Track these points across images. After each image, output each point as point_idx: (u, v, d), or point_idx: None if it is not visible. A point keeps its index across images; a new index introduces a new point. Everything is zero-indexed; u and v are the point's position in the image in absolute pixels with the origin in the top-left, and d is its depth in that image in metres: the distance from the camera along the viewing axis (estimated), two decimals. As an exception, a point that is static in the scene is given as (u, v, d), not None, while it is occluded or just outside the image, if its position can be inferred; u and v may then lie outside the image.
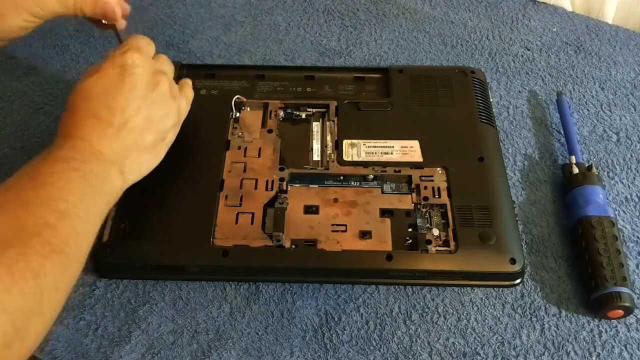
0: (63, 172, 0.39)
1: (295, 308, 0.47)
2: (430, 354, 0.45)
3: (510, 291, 0.48)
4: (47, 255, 0.35)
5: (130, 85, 0.44)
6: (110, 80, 0.44)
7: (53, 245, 0.35)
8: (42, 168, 0.39)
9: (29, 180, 0.38)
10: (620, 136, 0.59)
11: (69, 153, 0.40)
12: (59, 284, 0.36)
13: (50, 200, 0.37)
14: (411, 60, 0.67)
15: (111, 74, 0.44)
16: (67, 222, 0.37)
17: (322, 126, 0.56)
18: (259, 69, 0.61)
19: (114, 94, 0.43)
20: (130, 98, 0.44)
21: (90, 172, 0.40)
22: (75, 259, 0.38)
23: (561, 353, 0.45)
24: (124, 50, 0.45)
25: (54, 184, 0.38)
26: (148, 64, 0.46)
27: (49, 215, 0.36)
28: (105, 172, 0.42)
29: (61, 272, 0.36)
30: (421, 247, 0.47)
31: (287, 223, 0.48)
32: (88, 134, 0.42)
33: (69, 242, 0.37)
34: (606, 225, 0.48)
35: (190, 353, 0.45)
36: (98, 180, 0.41)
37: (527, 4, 0.74)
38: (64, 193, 0.38)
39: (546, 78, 0.65)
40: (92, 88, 0.43)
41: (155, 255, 0.47)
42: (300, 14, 0.72)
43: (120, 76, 0.44)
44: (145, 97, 0.45)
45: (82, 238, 0.38)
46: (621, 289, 0.45)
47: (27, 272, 0.33)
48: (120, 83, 0.44)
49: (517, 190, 0.55)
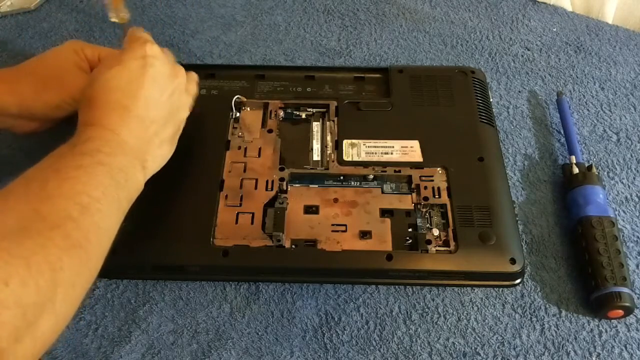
0: (89, 166, 0.39)
1: (295, 308, 0.47)
2: (430, 354, 0.45)
3: (510, 291, 0.48)
4: (67, 249, 0.34)
5: (153, 75, 0.44)
6: (133, 71, 0.44)
7: (73, 240, 0.35)
8: (68, 161, 0.39)
9: (54, 172, 0.38)
10: (620, 136, 0.59)
11: (96, 145, 0.40)
12: (76, 279, 0.35)
13: (74, 193, 0.37)
14: (411, 60, 0.67)
15: (133, 65, 0.44)
16: (88, 217, 0.36)
17: (322, 126, 0.56)
18: (259, 69, 0.61)
19: (138, 85, 0.43)
20: (154, 89, 0.44)
21: (115, 167, 0.40)
22: (95, 254, 0.37)
23: (561, 353, 0.45)
24: (142, 41, 0.45)
25: (79, 178, 0.37)
26: (165, 55, 0.47)
27: (71, 208, 0.36)
28: (130, 167, 0.42)
29: (80, 267, 0.35)
30: (421, 247, 0.47)
31: (287, 223, 0.48)
32: (115, 124, 0.42)
33: (90, 237, 0.36)
34: (606, 225, 0.48)
35: (190, 353, 0.45)
36: (122, 176, 0.41)
37: (527, 4, 0.74)
38: (88, 187, 0.37)
39: (546, 78, 0.65)
40: (115, 79, 0.43)
41: (155, 255, 0.47)
42: (300, 14, 0.72)
43: (143, 67, 0.44)
44: (166, 88, 0.45)
45: (103, 233, 0.38)
46: (621, 289, 0.45)
47: (44, 264, 0.32)
48: (143, 74, 0.44)
49: (517, 190, 0.55)
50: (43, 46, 0.68)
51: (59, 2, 0.73)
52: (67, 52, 0.53)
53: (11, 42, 0.68)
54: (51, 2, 0.73)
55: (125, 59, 0.44)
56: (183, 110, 0.48)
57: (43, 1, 0.73)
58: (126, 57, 0.44)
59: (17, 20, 0.71)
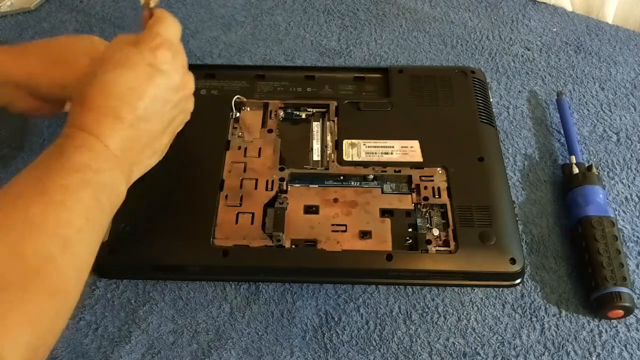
0: (76, 189, 0.36)
1: (295, 308, 0.47)
2: (430, 354, 0.45)
3: (510, 291, 0.48)
4: (47, 297, 0.32)
5: (158, 86, 0.41)
6: (137, 78, 0.40)
7: (52, 286, 0.33)
8: (55, 177, 0.36)
9: (39, 194, 0.35)
10: (620, 136, 0.59)
11: (84, 158, 0.38)
12: (55, 324, 0.33)
13: (57, 225, 0.35)
14: (411, 60, 0.67)
15: (139, 71, 0.40)
16: (69, 255, 0.35)
17: (322, 126, 0.56)
18: (259, 69, 0.61)
19: (140, 94, 0.40)
20: (156, 100, 0.41)
21: (101, 185, 0.38)
22: (74, 292, 0.35)
23: (561, 353, 0.45)
24: (154, 44, 0.42)
25: (64, 203, 0.35)
26: (179, 62, 0.43)
27: (52, 245, 0.34)
28: (116, 184, 0.40)
29: (59, 312, 0.34)
30: (421, 247, 0.47)
31: (287, 223, 0.48)
32: (106, 135, 0.39)
33: (69, 276, 0.34)
34: (606, 225, 0.48)
35: (190, 353, 0.45)
36: (106, 194, 0.38)
37: (527, 4, 0.74)
38: (72, 215, 0.35)
39: (546, 78, 0.65)
40: (116, 83, 0.40)
41: (155, 255, 0.47)
42: (300, 14, 0.72)
43: (149, 75, 0.41)
44: (171, 100, 0.42)
45: (83, 264, 0.36)
46: (621, 289, 0.45)
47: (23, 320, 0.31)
48: (148, 82, 0.40)
49: (517, 190, 0.55)
50: (43, 46, 0.68)
51: (59, 2, 0.73)
52: (83, 40, 0.51)
53: (11, 42, 0.68)
54: (51, 2, 0.73)
55: (131, 62, 0.40)
56: (184, 118, 0.46)
57: (43, 1, 0.73)
58: (133, 59, 0.41)
59: (17, 20, 0.71)
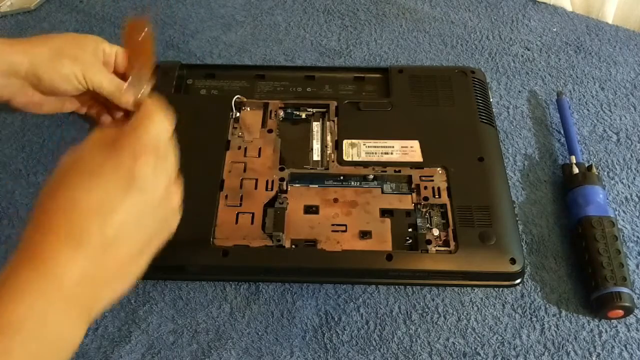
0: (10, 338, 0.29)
1: (295, 308, 0.47)
2: (430, 354, 0.45)
3: (510, 291, 0.48)
4: None
5: (135, 203, 0.33)
6: (110, 193, 0.33)
7: None
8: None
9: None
10: (620, 136, 0.59)
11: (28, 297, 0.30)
12: None
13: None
14: (411, 60, 0.67)
15: (113, 184, 0.33)
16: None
17: (322, 126, 0.56)
18: (259, 69, 0.61)
19: (111, 213, 0.32)
20: (132, 219, 0.33)
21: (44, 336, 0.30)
22: None
23: (561, 353, 0.45)
24: (136, 150, 0.34)
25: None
26: (164, 170, 0.36)
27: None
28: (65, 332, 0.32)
29: None
30: (421, 247, 0.47)
31: (287, 223, 0.48)
32: (62, 264, 0.31)
33: None
34: (606, 225, 0.48)
35: (190, 353, 0.45)
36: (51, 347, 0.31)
37: (527, 4, 0.74)
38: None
39: (546, 78, 0.65)
40: (83, 198, 0.32)
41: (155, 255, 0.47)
42: (300, 14, 0.72)
43: (125, 189, 0.33)
44: (150, 217, 0.35)
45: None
46: (621, 289, 0.45)
47: None
48: (123, 198, 0.33)
49: (517, 190, 0.55)
50: (43, 46, 0.68)
51: (59, 2, 0.73)
52: (88, 38, 0.52)
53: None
54: (51, 2, 0.73)
55: (104, 173, 0.33)
56: (167, 234, 0.38)
57: (43, 1, 0.73)
58: (108, 168, 0.33)
59: (17, 20, 0.71)
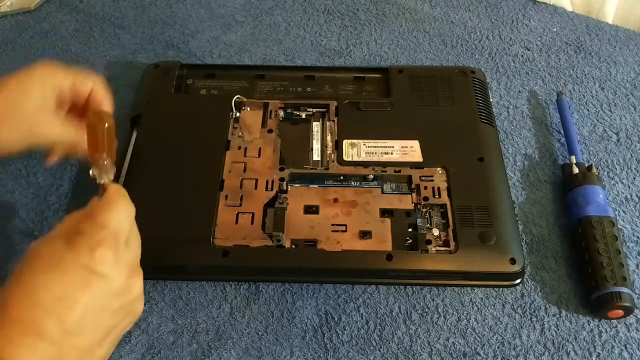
0: None
1: (295, 308, 0.47)
2: (430, 354, 0.45)
3: (510, 291, 0.48)
4: None
5: (94, 294, 0.34)
6: (69, 284, 0.33)
7: None
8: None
9: None
10: (620, 136, 0.59)
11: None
12: None
13: None
14: (411, 60, 0.67)
15: (72, 275, 0.33)
16: None
17: (322, 126, 0.56)
18: (259, 69, 0.61)
19: (71, 303, 0.33)
20: (92, 309, 0.34)
21: None
22: None
23: (561, 353, 0.45)
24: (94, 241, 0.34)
25: None
26: (123, 260, 0.36)
27: None
28: None
29: None
30: (421, 247, 0.47)
31: (287, 223, 0.48)
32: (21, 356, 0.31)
33: None
34: (606, 225, 0.48)
35: (190, 353, 0.45)
36: None
37: (527, 4, 0.74)
38: None
39: (546, 78, 0.65)
40: (42, 290, 0.33)
41: (155, 255, 0.47)
42: (300, 14, 0.72)
43: (84, 281, 0.33)
44: (111, 307, 0.35)
45: None
46: (621, 289, 0.45)
47: None
48: (82, 289, 0.33)
49: (517, 190, 0.55)
50: (43, 46, 0.68)
51: (59, 2, 0.73)
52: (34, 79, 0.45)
53: (11, 42, 0.68)
54: (51, 2, 0.73)
55: (63, 265, 0.33)
56: (130, 322, 0.38)
57: (43, 1, 0.73)
58: (66, 260, 0.33)
59: (17, 20, 0.71)
